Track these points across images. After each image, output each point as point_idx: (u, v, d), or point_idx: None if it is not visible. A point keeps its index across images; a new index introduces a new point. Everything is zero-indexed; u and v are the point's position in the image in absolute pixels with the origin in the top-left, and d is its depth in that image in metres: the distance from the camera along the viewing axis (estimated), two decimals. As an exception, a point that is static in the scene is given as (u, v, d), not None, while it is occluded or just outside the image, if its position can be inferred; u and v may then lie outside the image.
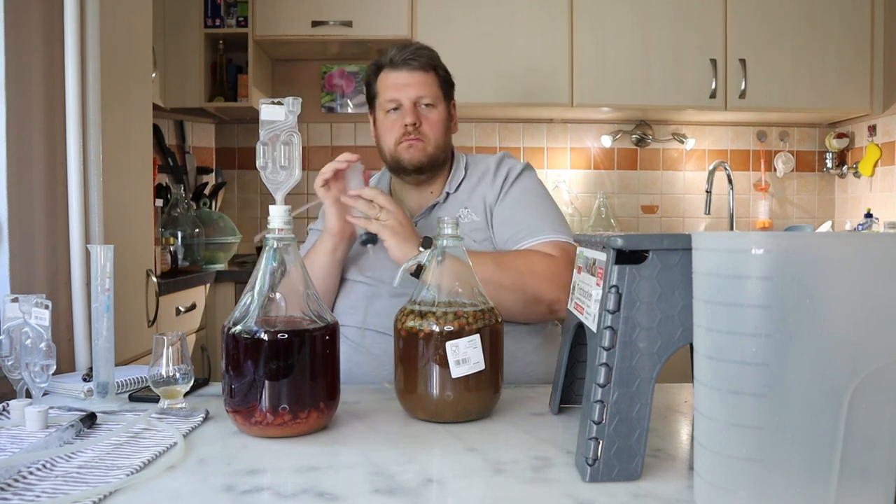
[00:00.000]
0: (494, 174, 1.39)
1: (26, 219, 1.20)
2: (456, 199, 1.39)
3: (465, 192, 1.40)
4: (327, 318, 0.88)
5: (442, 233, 0.94)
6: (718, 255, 0.57)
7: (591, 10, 2.78)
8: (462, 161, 1.44)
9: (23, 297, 0.99)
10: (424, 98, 1.36)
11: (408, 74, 1.36)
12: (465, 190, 1.40)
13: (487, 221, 1.35)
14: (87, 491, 0.66)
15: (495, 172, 1.40)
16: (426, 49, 1.40)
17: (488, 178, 1.39)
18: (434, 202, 1.39)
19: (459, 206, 1.37)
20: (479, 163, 1.44)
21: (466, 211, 1.36)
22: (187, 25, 2.78)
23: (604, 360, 0.70)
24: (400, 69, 1.37)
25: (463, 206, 1.37)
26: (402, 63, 1.36)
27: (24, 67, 1.20)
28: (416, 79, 1.36)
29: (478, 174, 1.41)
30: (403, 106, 1.35)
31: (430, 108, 1.37)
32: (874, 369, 0.54)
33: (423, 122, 1.36)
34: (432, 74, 1.38)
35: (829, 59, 2.81)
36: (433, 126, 1.36)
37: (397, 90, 1.36)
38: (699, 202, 3.21)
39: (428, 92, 1.36)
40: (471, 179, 1.41)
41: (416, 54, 1.36)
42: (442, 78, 1.40)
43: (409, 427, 0.90)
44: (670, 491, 0.68)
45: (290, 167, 0.88)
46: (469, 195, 1.39)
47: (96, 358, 1.00)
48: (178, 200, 2.56)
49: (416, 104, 1.36)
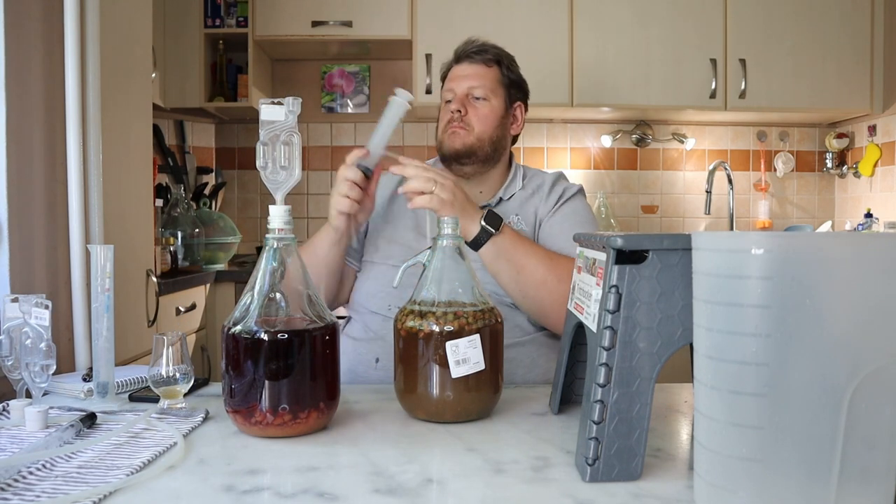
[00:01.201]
0: (549, 191, 1.39)
1: (26, 219, 1.20)
2: (507, 205, 1.39)
3: (517, 202, 1.39)
4: (327, 318, 0.88)
5: (442, 233, 0.94)
6: (718, 255, 0.57)
7: (591, 10, 2.78)
8: (520, 172, 1.44)
9: (23, 297, 0.99)
10: (476, 89, 1.37)
11: (466, 66, 1.39)
12: (518, 200, 1.40)
13: (534, 234, 1.35)
14: (87, 491, 0.66)
15: (550, 189, 1.40)
16: (495, 48, 1.42)
17: (542, 193, 1.40)
18: (486, 203, 1.38)
19: (511, 213, 1.36)
20: (536, 177, 1.44)
21: (517, 218, 1.36)
22: (187, 25, 2.78)
23: (604, 360, 0.70)
24: (461, 62, 1.40)
25: (514, 213, 1.37)
26: (463, 56, 1.40)
27: (24, 67, 1.20)
28: (472, 71, 1.38)
29: (533, 187, 1.41)
30: (456, 95, 1.38)
31: (482, 101, 1.37)
32: (874, 369, 0.54)
33: (471, 112, 1.36)
34: (493, 70, 1.39)
35: (829, 59, 2.81)
36: (480, 118, 1.36)
37: (453, 81, 1.39)
38: (699, 202, 3.21)
39: (481, 83, 1.37)
40: (525, 191, 1.41)
41: (480, 48, 1.39)
42: (506, 76, 1.41)
43: (409, 427, 0.90)
44: (670, 491, 0.68)
45: (290, 167, 0.88)
46: (521, 205, 1.39)
47: (96, 358, 1.00)
48: (178, 200, 2.56)
49: (469, 95, 1.37)
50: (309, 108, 3.13)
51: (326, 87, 3.19)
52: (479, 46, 1.40)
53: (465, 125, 1.35)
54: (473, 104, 1.37)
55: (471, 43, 1.41)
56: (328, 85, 3.19)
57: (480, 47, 1.40)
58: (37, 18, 1.23)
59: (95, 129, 1.33)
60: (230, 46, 2.91)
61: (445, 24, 2.76)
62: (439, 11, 2.77)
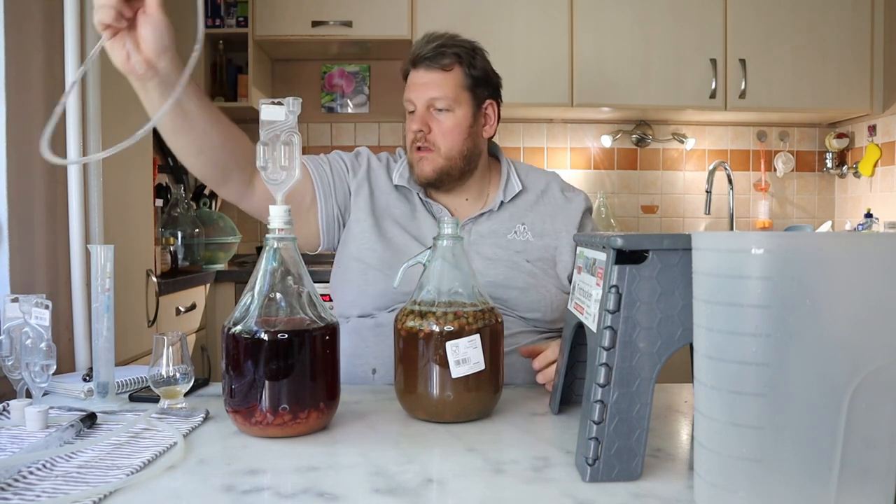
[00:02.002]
0: (565, 202, 1.32)
1: (26, 219, 1.20)
2: (511, 212, 1.30)
3: (521, 207, 1.30)
4: (327, 318, 0.88)
5: (442, 233, 0.94)
6: (718, 255, 0.57)
7: (591, 10, 2.78)
8: (512, 169, 1.34)
9: (23, 297, 0.99)
10: (437, 101, 1.24)
11: (423, 73, 1.25)
12: (523, 205, 1.30)
13: (544, 248, 1.27)
14: (87, 491, 0.66)
15: (566, 201, 1.32)
16: (455, 45, 1.26)
17: (554, 202, 1.31)
18: (486, 209, 1.29)
19: (516, 221, 1.28)
20: (531, 176, 1.35)
21: (523, 227, 1.28)
22: (187, 25, 2.78)
23: (604, 360, 0.70)
24: (418, 68, 1.26)
25: (520, 221, 1.28)
26: (420, 61, 1.25)
27: (24, 67, 1.20)
28: (431, 79, 1.24)
29: (537, 191, 1.32)
30: (416, 109, 1.26)
31: (446, 112, 1.24)
32: (874, 369, 0.54)
33: (434, 129, 1.24)
34: (454, 73, 1.25)
35: (829, 59, 2.81)
36: (445, 133, 1.24)
37: (411, 91, 1.26)
38: (699, 202, 3.21)
39: (442, 94, 1.23)
40: (529, 194, 1.32)
41: (436, 50, 1.24)
42: (469, 76, 1.26)
43: (409, 427, 0.90)
44: (670, 491, 0.68)
45: (291, 167, 0.88)
46: (526, 211, 1.30)
47: (96, 358, 1.00)
48: (178, 200, 2.56)
49: (430, 107, 1.25)
50: (309, 108, 3.13)
51: (326, 87, 3.19)
52: (435, 48, 1.24)
53: (431, 145, 1.24)
54: (436, 118, 1.24)
55: (427, 42, 1.26)
56: (328, 85, 3.19)
57: (437, 48, 1.24)
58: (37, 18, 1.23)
59: (95, 129, 1.33)
60: (230, 46, 2.91)
61: (445, 24, 2.74)
62: (439, 11, 2.77)
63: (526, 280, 1.24)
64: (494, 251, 1.26)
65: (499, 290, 1.21)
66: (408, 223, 1.28)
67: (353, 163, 1.33)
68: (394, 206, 1.29)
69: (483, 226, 1.29)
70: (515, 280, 1.23)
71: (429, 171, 1.25)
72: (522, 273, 1.24)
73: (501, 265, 1.24)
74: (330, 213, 1.28)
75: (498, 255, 1.25)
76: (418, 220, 1.29)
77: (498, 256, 1.25)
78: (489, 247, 1.27)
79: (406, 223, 1.28)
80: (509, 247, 1.27)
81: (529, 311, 1.23)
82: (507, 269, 1.24)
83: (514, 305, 1.22)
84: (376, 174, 1.32)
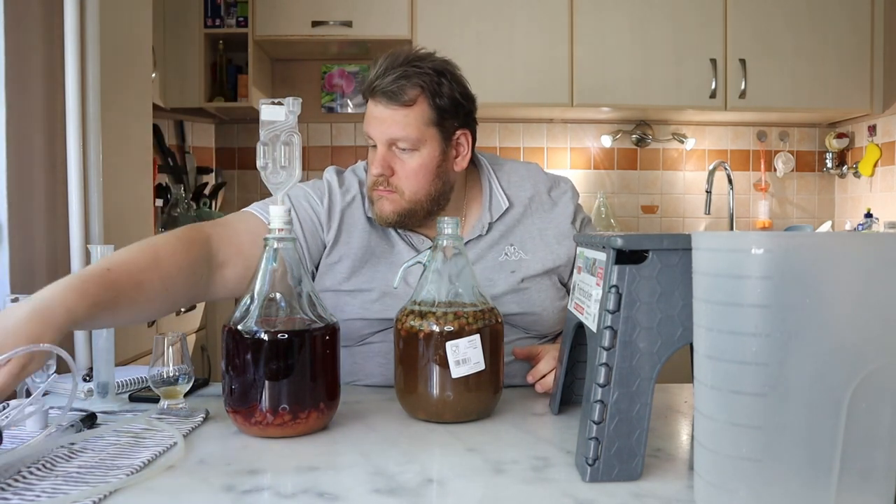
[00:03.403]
0: (552, 206, 1.23)
1: (26, 219, 1.20)
2: (500, 231, 1.20)
3: (510, 224, 1.20)
4: (327, 318, 0.88)
5: (442, 233, 0.94)
6: (718, 254, 0.58)
7: (591, 10, 2.78)
8: (494, 181, 1.22)
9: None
10: (400, 141, 1.11)
11: (383, 108, 1.11)
12: (510, 222, 1.20)
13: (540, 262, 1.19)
14: (87, 491, 0.66)
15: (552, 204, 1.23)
16: (416, 71, 1.10)
17: (542, 209, 1.22)
18: (475, 235, 1.19)
19: (504, 244, 1.19)
20: (515, 184, 1.23)
21: (512, 248, 1.19)
22: (187, 25, 2.78)
23: (604, 360, 0.70)
24: (377, 100, 1.12)
25: (508, 243, 1.19)
26: (379, 93, 1.11)
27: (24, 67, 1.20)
28: (391, 116, 1.10)
29: (523, 202, 1.22)
30: (376, 148, 1.13)
31: (410, 152, 1.11)
32: (874, 369, 0.54)
33: (398, 170, 1.12)
34: (419, 107, 1.10)
35: (829, 59, 2.81)
36: (409, 176, 1.11)
37: (370, 125, 1.13)
38: (699, 202, 3.21)
39: (405, 133, 1.10)
40: (515, 210, 1.21)
41: (396, 83, 1.09)
42: (436, 108, 1.11)
43: (409, 427, 0.90)
44: (670, 491, 0.68)
45: (291, 167, 0.88)
46: (513, 227, 1.20)
47: (96, 358, 1.00)
48: (178, 200, 2.56)
49: (392, 145, 1.12)
50: (309, 108, 3.13)
51: (326, 87, 3.19)
52: (395, 79, 1.09)
53: (394, 188, 1.12)
54: (399, 158, 1.12)
55: (386, 71, 1.10)
56: (328, 85, 3.19)
57: (396, 80, 1.09)
58: (37, 18, 1.23)
59: (95, 129, 1.33)
60: (230, 46, 2.91)
61: (445, 24, 2.76)
62: (439, 11, 2.77)
63: (521, 304, 1.18)
64: (487, 276, 1.18)
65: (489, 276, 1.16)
66: (389, 257, 1.18)
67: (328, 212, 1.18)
68: (374, 245, 1.17)
69: (472, 252, 1.18)
70: (510, 306, 1.17)
71: (389, 211, 1.12)
72: (518, 296, 1.18)
73: (495, 291, 1.17)
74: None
75: (491, 280, 1.17)
76: (397, 252, 1.18)
77: (491, 280, 1.17)
78: (480, 272, 1.17)
79: (386, 257, 1.18)
80: (503, 268, 1.19)
81: (529, 329, 1.20)
82: (502, 294, 1.17)
83: (513, 324, 1.18)
84: (350, 214, 1.19)
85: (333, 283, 1.16)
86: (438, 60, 1.14)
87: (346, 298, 1.15)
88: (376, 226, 1.18)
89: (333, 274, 1.16)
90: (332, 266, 1.16)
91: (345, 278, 1.15)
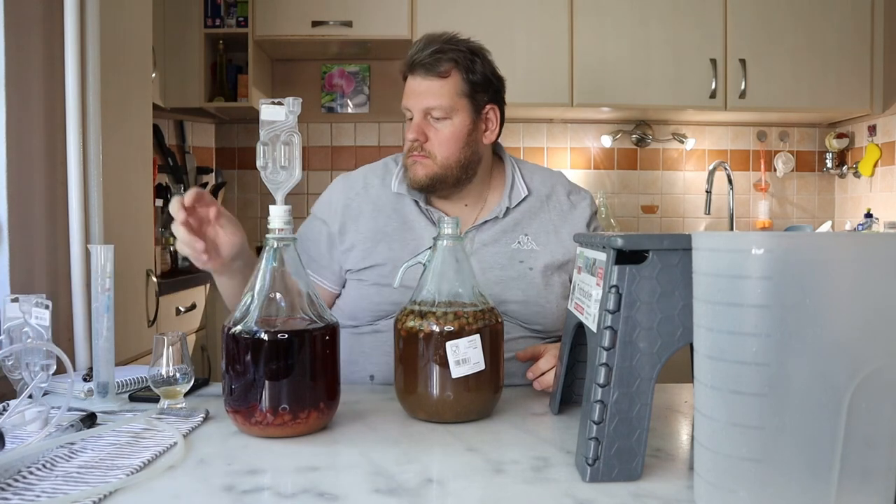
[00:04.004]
0: (570, 208, 1.28)
1: (26, 219, 1.20)
2: (516, 220, 1.26)
3: (525, 213, 1.27)
4: (327, 318, 0.88)
5: (442, 233, 0.94)
6: (718, 255, 0.58)
7: (591, 10, 2.78)
8: (517, 171, 1.30)
9: (23, 297, 0.99)
10: (434, 109, 1.21)
11: (420, 80, 1.22)
12: (527, 210, 1.27)
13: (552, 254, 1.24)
14: (87, 491, 0.66)
15: (571, 206, 1.29)
16: (452, 47, 1.22)
17: (559, 208, 1.28)
18: (491, 216, 1.25)
19: (520, 232, 1.25)
20: (536, 178, 1.31)
21: (526, 238, 1.25)
22: (187, 25, 2.78)
23: (604, 360, 0.70)
24: (415, 73, 1.23)
25: (523, 232, 1.25)
26: (417, 67, 1.22)
27: (24, 67, 1.20)
28: (427, 87, 1.21)
29: (541, 194, 1.29)
30: (413, 117, 1.23)
31: (443, 120, 1.21)
32: (874, 369, 0.54)
33: (432, 137, 1.21)
34: (452, 80, 1.21)
35: (829, 58, 2.81)
36: (442, 142, 1.21)
37: (408, 97, 1.24)
38: (699, 202, 3.21)
39: (438, 102, 1.20)
40: (534, 197, 1.28)
41: (433, 56, 1.20)
42: (468, 82, 1.22)
43: (409, 427, 0.90)
44: (670, 491, 0.68)
45: (291, 167, 0.88)
46: (531, 218, 1.27)
47: (96, 358, 1.00)
48: (178, 200, 2.56)
49: (428, 115, 1.22)
50: (309, 108, 3.13)
51: (326, 87, 3.19)
52: (432, 53, 1.20)
53: (427, 153, 1.21)
54: (433, 126, 1.22)
55: (424, 46, 1.22)
56: (328, 85, 3.19)
57: (433, 54, 1.20)
58: (37, 18, 1.23)
59: (95, 129, 1.33)
60: (230, 46, 2.91)
61: (445, 24, 2.72)
62: (439, 11, 2.77)
63: (527, 292, 1.21)
64: (497, 260, 1.23)
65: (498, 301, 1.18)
66: (403, 234, 1.24)
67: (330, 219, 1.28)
68: (383, 225, 1.25)
69: (486, 234, 1.25)
70: (515, 293, 1.21)
71: (422, 175, 1.22)
72: (524, 283, 1.22)
73: (503, 275, 1.22)
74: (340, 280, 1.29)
75: (501, 264, 1.23)
76: (415, 229, 1.25)
77: (501, 265, 1.23)
78: (491, 255, 1.23)
79: (400, 234, 1.24)
80: (514, 256, 1.24)
81: (530, 322, 1.22)
82: (509, 279, 1.22)
83: (515, 316, 1.21)
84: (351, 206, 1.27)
85: (352, 266, 1.24)
86: (473, 43, 1.27)
87: (363, 275, 1.23)
88: (384, 209, 1.26)
89: (351, 260, 1.25)
90: (347, 253, 1.25)
91: (360, 258, 1.24)
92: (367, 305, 1.22)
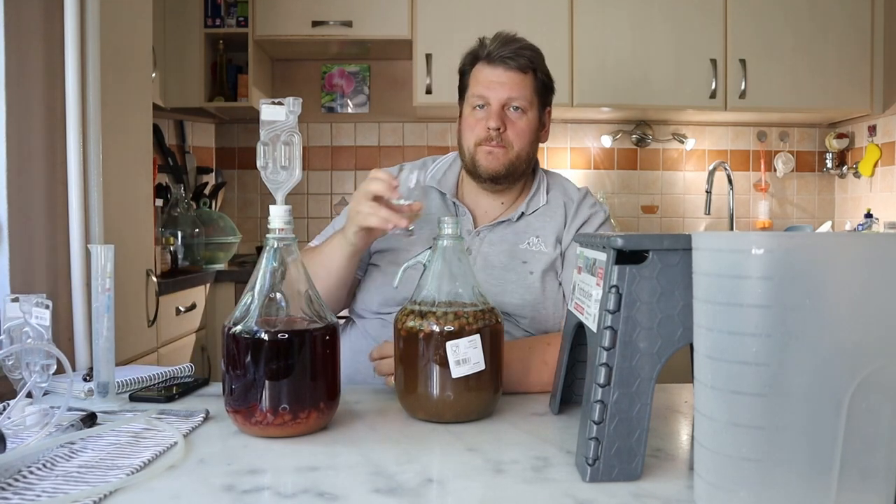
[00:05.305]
0: (575, 213, 1.31)
1: (26, 219, 1.20)
2: (528, 223, 1.30)
3: (540, 219, 1.30)
4: (327, 318, 0.88)
5: (442, 233, 0.94)
6: (718, 255, 0.58)
7: (591, 10, 2.78)
8: (543, 181, 1.34)
9: (23, 297, 0.98)
10: (515, 101, 1.25)
11: (502, 72, 1.25)
12: (542, 216, 1.30)
13: (556, 256, 1.27)
14: (87, 491, 0.66)
15: (576, 211, 1.31)
16: (529, 49, 1.28)
17: (566, 212, 1.31)
18: (505, 218, 1.29)
19: (531, 234, 1.28)
20: (558, 188, 1.35)
21: (537, 240, 1.27)
22: (187, 25, 2.78)
23: (604, 360, 0.70)
24: (495, 65, 1.26)
25: (535, 234, 1.28)
26: (498, 60, 1.26)
27: (24, 67, 1.20)
28: (509, 79, 1.25)
29: (557, 203, 1.32)
30: (491, 106, 1.25)
31: (520, 112, 1.26)
32: (874, 369, 0.54)
33: (509, 128, 1.25)
34: (530, 76, 1.27)
35: (829, 59, 2.81)
36: (519, 133, 1.26)
37: (487, 87, 1.26)
38: (699, 202, 3.21)
39: (520, 94, 1.25)
40: (550, 207, 1.31)
41: (517, 53, 1.25)
42: (540, 81, 1.28)
43: (409, 427, 0.90)
44: (670, 491, 0.68)
45: (291, 167, 0.88)
46: (544, 223, 1.30)
47: (96, 358, 1.00)
48: (178, 200, 2.56)
49: (505, 106, 1.25)
50: (309, 108, 3.13)
51: (326, 87, 3.19)
52: (517, 49, 1.26)
53: (505, 143, 1.25)
54: (511, 118, 1.26)
55: (506, 42, 1.26)
56: (328, 85, 3.19)
57: (517, 50, 1.25)
58: (37, 19, 1.23)
59: (95, 129, 1.33)
60: (230, 46, 2.91)
61: (445, 24, 2.76)
62: (439, 11, 2.77)
63: (523, 296, 1.22)
64: (500, 259, 1.25)
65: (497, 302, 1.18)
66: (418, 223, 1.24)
67: None
68: None
69: (497, 233, 1.28)
70: (513, 295, 1.22)
71: (498, 166, 1.25)
72: (522, 286, 1.23)
73: (504, 276, 1.23)
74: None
75: (504, 264, 1.24)
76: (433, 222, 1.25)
77: (504, 265, 1.24)
78: (497, 255, 1.25)
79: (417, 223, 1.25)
80: (518, 256, 1.25)
81: (531, 320, 1.23)
82: (509, 281, 1.23)
83: (518, 314, 1.22)
84: None
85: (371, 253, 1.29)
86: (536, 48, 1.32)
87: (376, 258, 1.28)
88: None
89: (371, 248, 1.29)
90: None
91: (375, 247, 1.28)
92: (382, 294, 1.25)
